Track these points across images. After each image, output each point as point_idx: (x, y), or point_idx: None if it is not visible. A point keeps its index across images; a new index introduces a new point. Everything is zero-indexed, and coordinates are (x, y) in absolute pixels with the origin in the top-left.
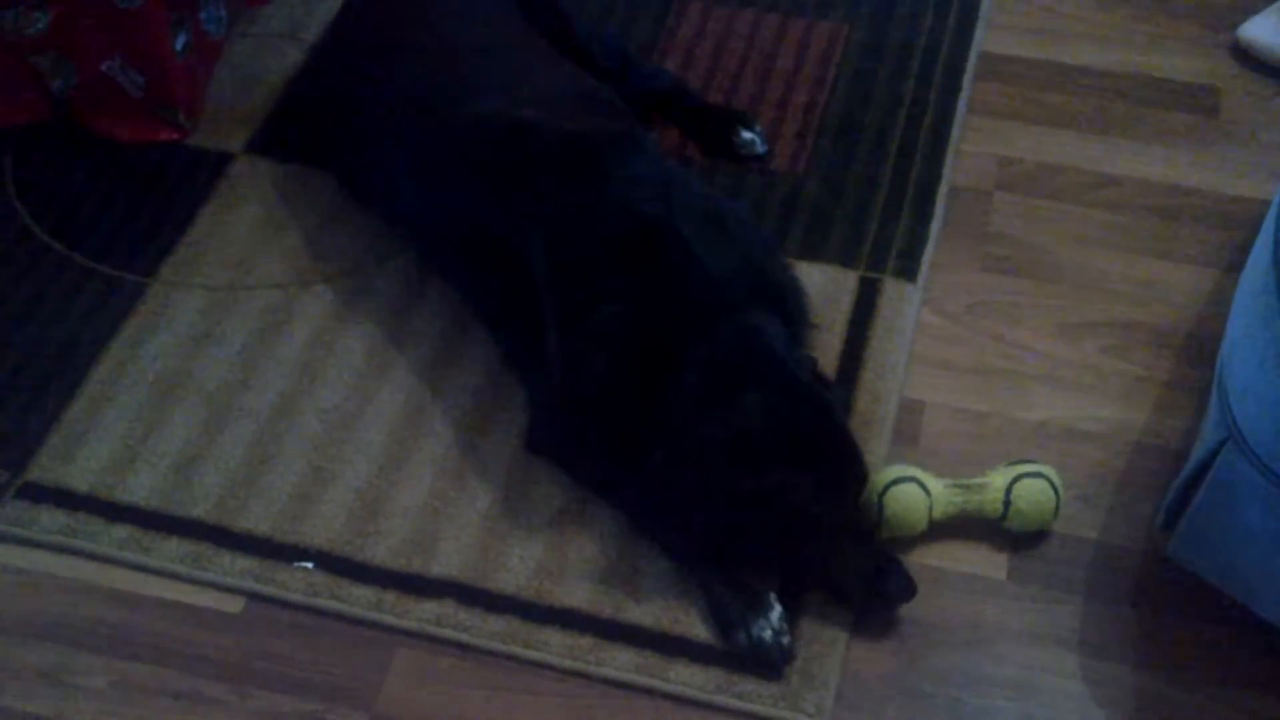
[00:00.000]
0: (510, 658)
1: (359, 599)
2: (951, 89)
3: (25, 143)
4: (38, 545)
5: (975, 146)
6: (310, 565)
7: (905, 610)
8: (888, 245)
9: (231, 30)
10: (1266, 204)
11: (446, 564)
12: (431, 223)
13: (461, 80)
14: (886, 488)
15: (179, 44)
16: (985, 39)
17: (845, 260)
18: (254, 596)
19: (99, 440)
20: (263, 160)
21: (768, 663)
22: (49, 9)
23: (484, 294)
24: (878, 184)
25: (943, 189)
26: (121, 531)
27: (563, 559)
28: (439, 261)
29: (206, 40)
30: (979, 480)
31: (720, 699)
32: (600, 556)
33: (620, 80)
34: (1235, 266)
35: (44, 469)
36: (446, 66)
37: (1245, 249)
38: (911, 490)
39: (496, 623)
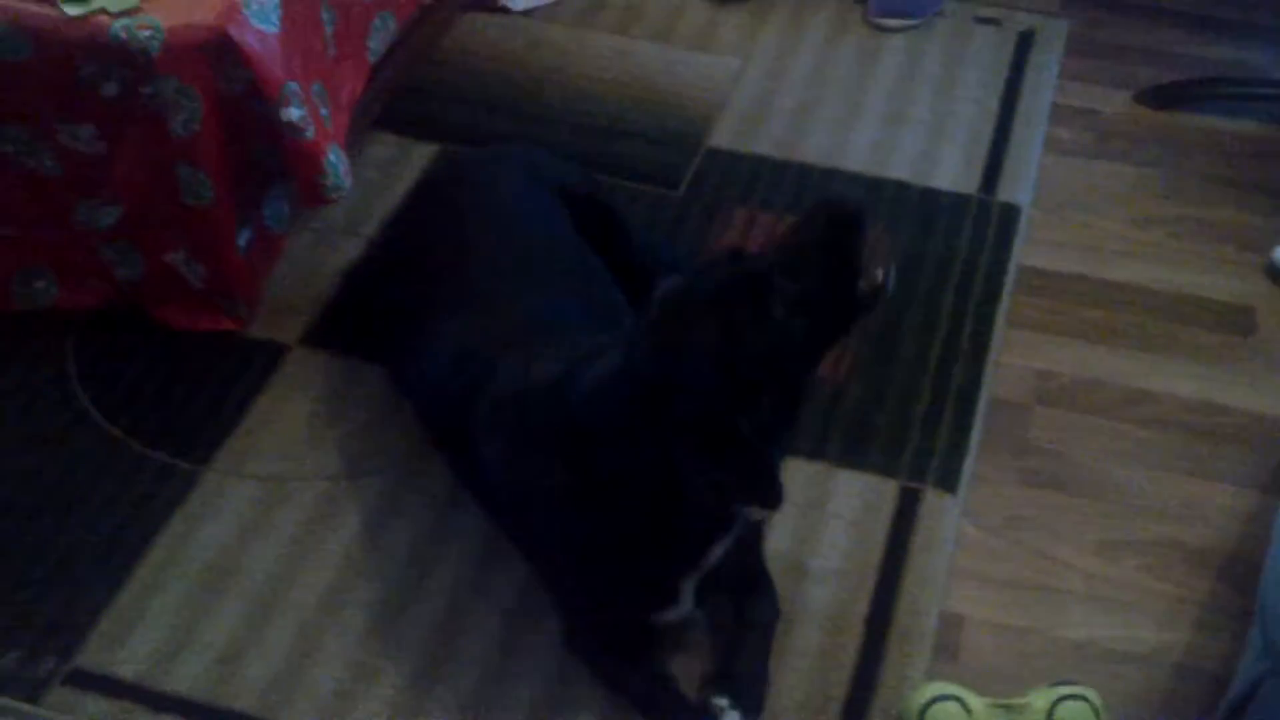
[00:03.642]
0: None
1: None
2: (990, 301)
3: (88, 327)
4: None
5: (1014, 359)
6: None
7: None
8: (928, 455)
9: (293, 224)
10: None
11: None
12: (458, 434)
13: (496, 288)
14: (927, 705)
15: (242, 240)
16: (1024, 252)
17: (885, 470)
18: None
19: (147, 629)
20: (318, 352)
21: None
22: (121, 203)
23: (510, 516)
24: (918, 394)
25: (982, 400)
26: None
27: None
28: (460, 472)
29: (269, 235)
30: (1020, 700)
31: None
32: None
33: None
34: (1273, 489)
35: (92, 656)
36: (486, 274)
37: None
38: (952, 708)
39: None
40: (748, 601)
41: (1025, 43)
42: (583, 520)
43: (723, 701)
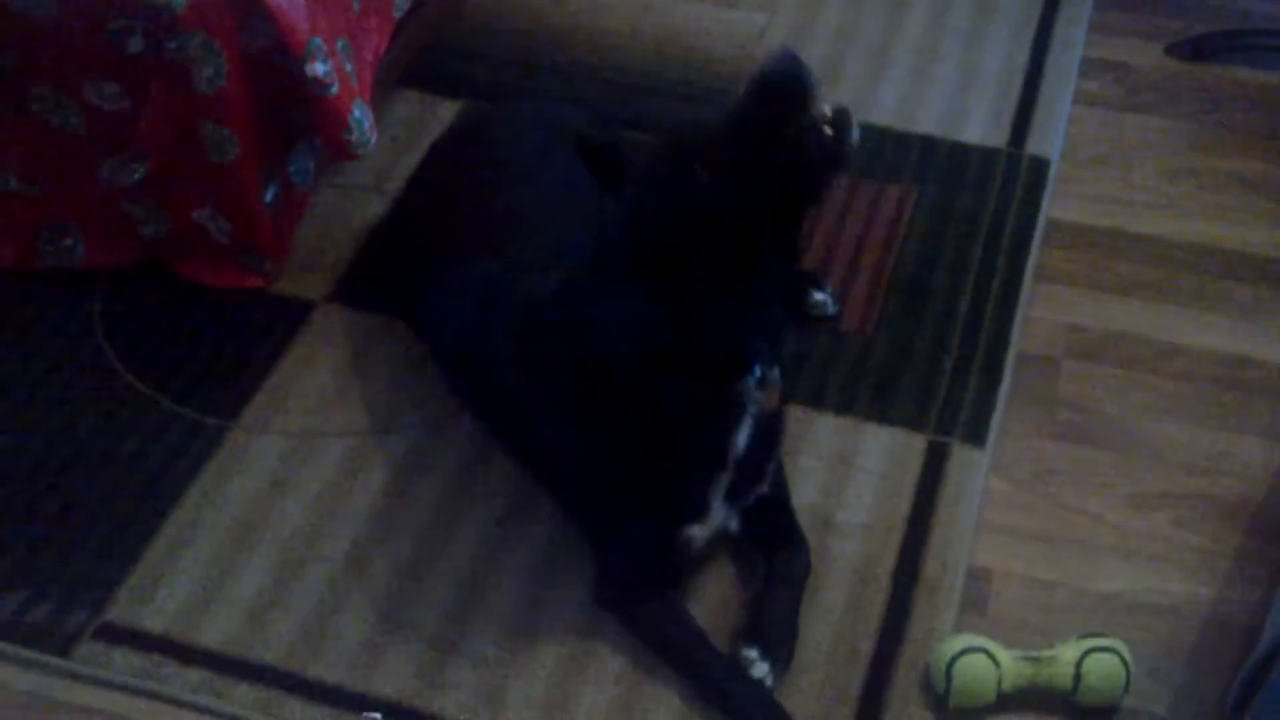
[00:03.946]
0: None
1: None
2: (1019, 255)
3: (114, 285)
4: (113, 687)
5: (1043, 313)
6: (378, 716)
7: None
8: (956, 410)
9: (319, 181)
10: None
11: (514, 719)
12: (476, 376)
13: (517, 236)
14: (955, 657)
15: (268, 195)
16: (1053, 206)
17: (913, 424)
18: None
19: (176, 583)
20: (344, 309)
21: None
22: (147, 160)
23: (533, 449)
24: (946, 347)
25: (1011, 354)
26: (195, 675)
27: (629, 718)
28: (487, 417)
29: (295, 191)
30: (1049, 653)
31: None
32: (667, 717)
33: None
34: None
35: (121, 610)
36: (508, 223)
37: None
38: (980, 661)
39: None
40: (779, 556)
41: None
42: (596, 416)
43: (753, 653)
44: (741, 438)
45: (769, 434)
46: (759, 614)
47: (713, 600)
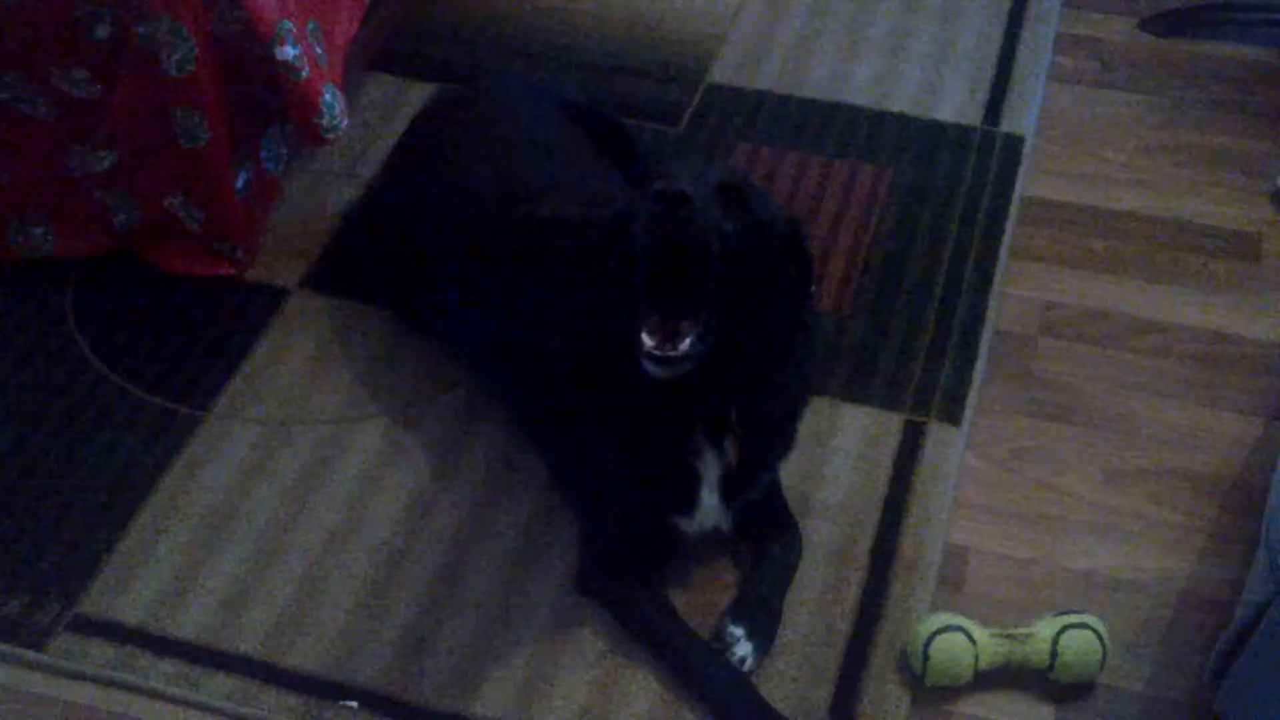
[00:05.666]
0: None
1: None
2: (994, 233)
3: (87, 274)
4: (87, 679)
5: (1019, 290)
6: (354, 704)
7: None
8: (932, 388)
9: (290, 166)
10: None
11: (490, 704)
12: (480, 338)
13: (521, 188)
14: (932, 636)
15: (240, 182)
16: (1028, 184)
17: (890, 403)
18: None
19: (150, 573)
20: (318, 295)
21: None
22: (116, 147)
23: (533, 415)
24: (922, 326)
25: (986, 332)
26: (170, 666)
27: (607, 702)
28: (491, 384)
29: (266, 177)
30: (1025, 630)
31: None
32: (644, 701)
33: None
34: (1279, 415)
35: (95, 601)
36: (498, 191)
37: None
38: (957, 639)
39: None
40: (773, 542)
41: None
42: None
43: (738, 631)
44: (710, 460)
45: (762, 450)
46: (747, 594)
47: (701, 580)
